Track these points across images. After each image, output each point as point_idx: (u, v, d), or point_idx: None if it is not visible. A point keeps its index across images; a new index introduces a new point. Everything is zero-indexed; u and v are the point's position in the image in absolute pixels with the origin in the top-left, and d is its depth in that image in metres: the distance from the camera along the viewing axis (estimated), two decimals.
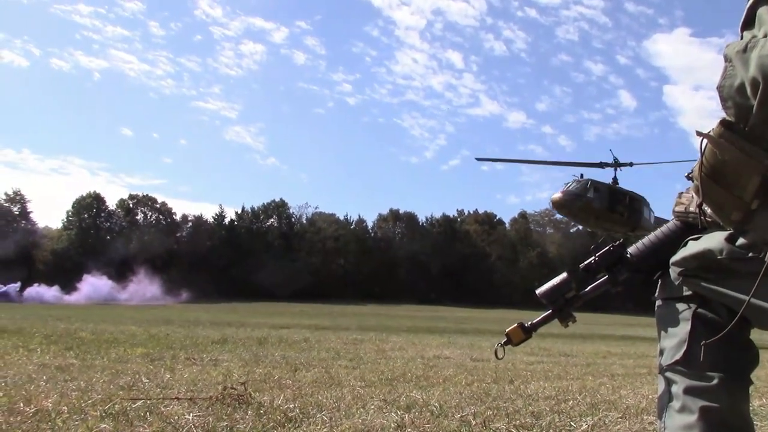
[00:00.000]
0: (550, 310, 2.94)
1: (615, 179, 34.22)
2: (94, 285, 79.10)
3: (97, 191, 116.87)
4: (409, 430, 4.99)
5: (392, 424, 5.14)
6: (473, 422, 5.33)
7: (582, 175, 33.51)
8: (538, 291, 2.95)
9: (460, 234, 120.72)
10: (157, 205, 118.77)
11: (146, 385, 7.02)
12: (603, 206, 32.34)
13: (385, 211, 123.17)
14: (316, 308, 62.49)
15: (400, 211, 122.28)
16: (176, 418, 5.14)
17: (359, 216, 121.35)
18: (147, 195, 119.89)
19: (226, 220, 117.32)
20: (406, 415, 5.53)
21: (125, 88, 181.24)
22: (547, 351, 15.40)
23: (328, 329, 24.42)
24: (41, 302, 68.34)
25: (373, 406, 6.00)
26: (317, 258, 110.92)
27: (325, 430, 4.93)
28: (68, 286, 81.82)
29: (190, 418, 5.14)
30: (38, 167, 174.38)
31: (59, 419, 4.92)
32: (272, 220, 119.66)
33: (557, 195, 33.70)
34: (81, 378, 7.40)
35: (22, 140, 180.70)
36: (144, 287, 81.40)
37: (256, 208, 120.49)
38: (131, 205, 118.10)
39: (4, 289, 79.92)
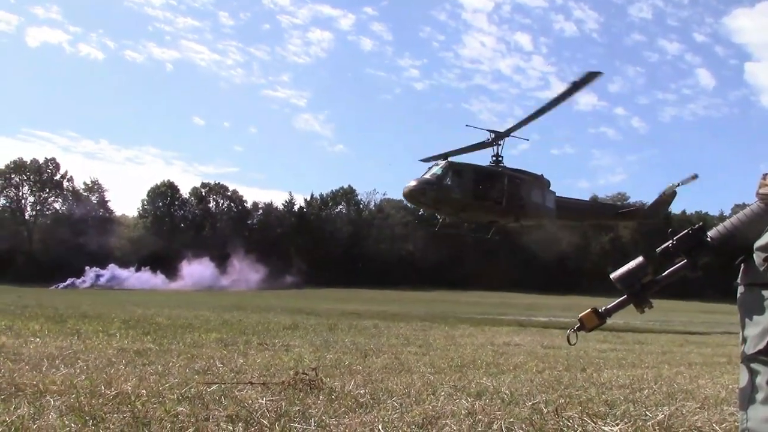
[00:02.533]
0: (625, 296, 2.86)
1: (497, 157, 28.49)
2: (197, 272, 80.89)
3: (171, 180, 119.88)
4: (480, 417, 4.95)
5: (463, 411, 5.12)
6: (545, 410, 5.26)
7: (446, 157, 28.25)
8: (613, 275, 2.88)
9: None
10: (229, 193, 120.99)
11: (220, 369, 7.17)
12: (467, 193, 27.43)
13: None
14: (384, 294, 62.76)
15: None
16: (250, 402, 5.24)
17: None
18: (219, 183, 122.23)
19: (296, 207, 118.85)
20: (477, 402, 5.51)
21: (196, 78, 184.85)
22: (620, 338, 15.10)
23: (396, 316, 24.50)
24: (149, 288, 70.15)
25: (443, 393, 5.99)
26: (385, 244, 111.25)
27: (395, 415, 4.94)
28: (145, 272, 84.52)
29: (264, 402, 5.23)
30: (115, 157, 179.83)
31: (138, 402, 5.07)
32: (341, 206, 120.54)
33: (410, 184, 27.95)
34: (158, 362, 7.62)
35: (100, 131, 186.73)
36: (246, 274, 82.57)
37: (324, 194, 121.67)
38: (204, 193, 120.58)
39: (108, 275, 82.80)
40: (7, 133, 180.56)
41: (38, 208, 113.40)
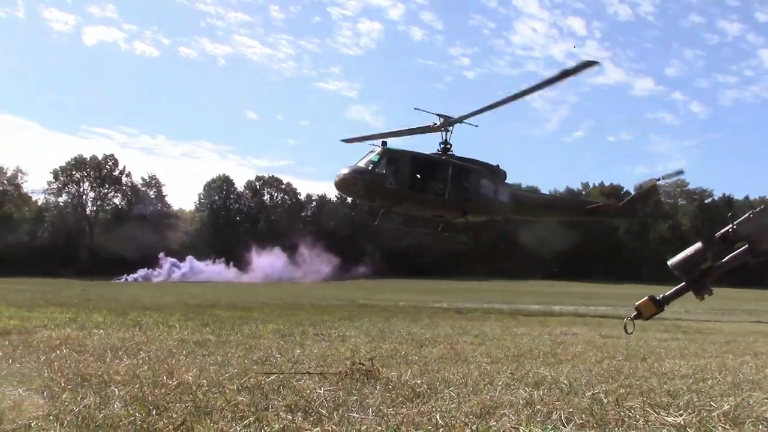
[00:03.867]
0: (684, 283, 2.78)
1: (445, 144, 26.12)
2: (268, 264, 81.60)
3: (227, 173, 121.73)
4: (539, 407, 4.90)
5: (521, 401, 5.07)
6: (605, 400, 5.18)
7: (384, 144, 25.59)
8: (671, 261, 2.81)
9: None
10: (283, 186, 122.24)
11: (278, 360, 7.26)
12: (403, 184, 24.93)
13: None
14: (440, 284, 62.70)
15: (523, 185, 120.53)
16: (308, 392, 5.28)
17: None
18: (273, 176, 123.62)
19: (349, 199, 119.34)
20: (535, 392, 5.45)
21: (248, 72, 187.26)
22: (681, 328, 14.79)
23: (452, 305, 24.44)
24: (224, 281, 71.16)
25: (500, 383, 5.95)
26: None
27: (453, 405, 4.92)
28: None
29: (321, 392, 5.27)
30: (172, 152, 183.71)
31: (199, 392, 5.16)
32: None
33: (341, 172, 25.89)
34: (218, 353, 7.74)
35: (157, 127, 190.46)
36: (317, 265, 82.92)
37: None
38: (258, 186, 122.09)
39: (186, 267, 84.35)
40: (67, 131, 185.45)
41: (98, 203, 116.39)
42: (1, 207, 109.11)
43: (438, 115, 25.40)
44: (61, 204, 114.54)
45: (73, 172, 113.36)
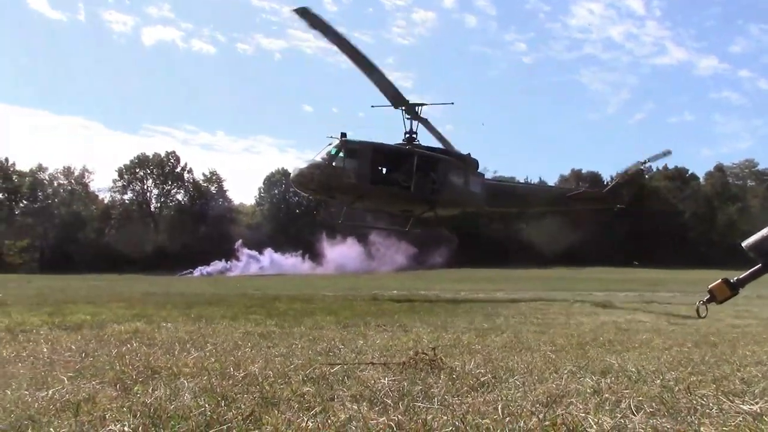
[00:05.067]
0: (760, 265, 2.68)
1: (410, 133, 24.02)
2: (340, 255, 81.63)
3: (286, 167, 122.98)
4: (607, 395, 4.82)
5: (588, 390, 5.00)
6: (675, 388, 5.07)
7: (344, 135, 23.66)
8: (745, 243, 2.72)
9: (649, 191, 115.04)
10: None
11: (342, 350, 7.31)
12: (364, 178, 23.12)
13: (566, 172, 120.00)
14: (499, 273, 62.27)
15: (583, 171, 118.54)
16: (372, 382, 5.31)
17: (540, 178, 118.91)
18: None
19: None
20: (603, 381, 5.37)
21: (304, 65, 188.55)
22: (753, 314, 14.33)
23: (513, 294, 24.24)
24: (299, 273, 71.54)
25: (566, 371, 5.87)
26: (498, 224, 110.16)
27: (518, 394, 4.88)
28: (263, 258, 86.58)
29: (386, 382, 5.28)
30: (231, 147, 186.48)
31: (266, 383, 5.23)
32: None
33: (298, 167, 24.67)
34: (282, 344, 7.84)
35: (216, 123, 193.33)
36: (391, 255, 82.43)
37: None
38: None
39: (266, 260, 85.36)
40: (130, 130, 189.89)
41: (162, 200, 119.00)
42: (70, 206, 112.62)
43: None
44: (126, 201, 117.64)
45: (137, 170, 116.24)
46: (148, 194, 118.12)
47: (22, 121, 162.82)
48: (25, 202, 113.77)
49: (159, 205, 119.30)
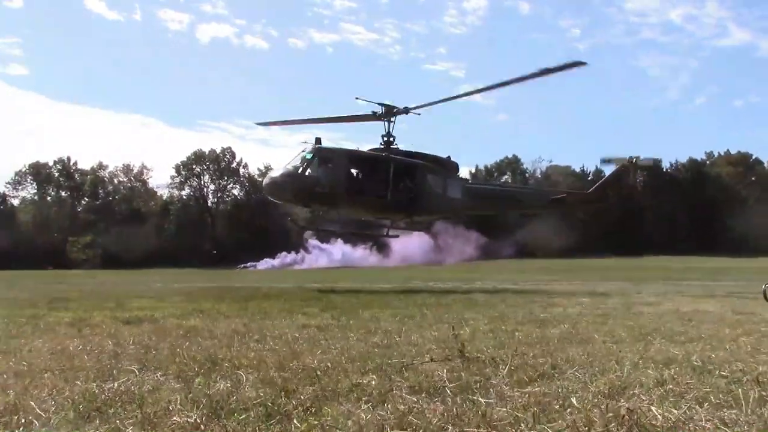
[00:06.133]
0: None
1: (388, 136, 23.37)
2: (405, 246, 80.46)
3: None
4: (671, 386, 4.72)
5: (651, 381, 4.90)
6: (744, 379, 4.93)
7: (319, 141, 22.93)
8: None
9: (711, 178, 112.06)
10: None
11: (399, 342, 7.31)
12: (338, 186, 22.27)
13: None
14: (557, 264, 61.47)
15: (642, 157, 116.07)
16: (430, 373, 5.30)
17: (596, 167, 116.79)
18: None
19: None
20: (666, 372, 5.25)
21: (356, 58, 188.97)
22: None
23: (571, 284, 23.93)
24: (365, 266, 71.34)
25: (627, 362, 5.76)
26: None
27: (579, 386, 4.81)
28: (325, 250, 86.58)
29: (444, 373, 5.26)
30: (287, 142, 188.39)
31: (324, 375, 5.27)
32: (506, 176, 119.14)
33: (271, 175, 24.20)
34: (339, 337, 7.89)
35: (271, 118, 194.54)
36: (460, 246, 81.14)
37: (489, 166, 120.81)
38: None
39: (337, 252, 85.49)
40: (187, 126, 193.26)
41: (219, 195, 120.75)
42: (130, 202, 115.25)
43: (380, 104, 23.34)
44: (184, 197, 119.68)
45: (194, 166, 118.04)
46: (205, 190, 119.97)
47: (82, 120, 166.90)
48: (87, 199, 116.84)
49: (216, 200, 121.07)
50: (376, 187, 22.62)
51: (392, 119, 23.25)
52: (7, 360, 6.17)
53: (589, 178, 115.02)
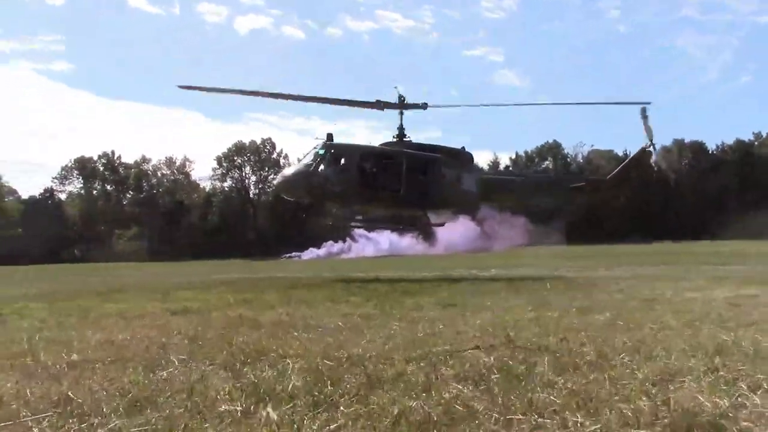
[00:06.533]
0: None
1: (401, 130, 23.24)
2: (450, 234, 79.43)
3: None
4: (722, 373, 4.63)
5: (701, 368, 4.82)
6: None
7: (330, 137, 22.92)
8: None
9: (760, 159, 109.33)
10: None
11: (443, 330, 7.31)
12: (350, 183, 22.10)
13: (668, 142, 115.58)
14: (594, 250, 60.68)
15: (685, 141, 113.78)
16: (475, 362, 5.28)
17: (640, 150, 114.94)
18: (430, 145, 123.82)
19: (501, 167, 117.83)
20: (716, 358, 5.16)
21: (393, 46, 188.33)
22: None
23: (611, 270, 23.65)
24: (412, 254, 71.13)
25: (676, 349, 5.68)
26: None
27: (627, 372, 4.75)
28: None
29: (489, 361, 5.25)
30: (327, 131, 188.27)
31: (369, 363, 5.30)
32: (547, 162, 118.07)
33: (283, 174, 24.46)
34: (383, 326, 7.91)
35: (310, 108, 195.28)
36: (506, 232, 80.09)
37: (530, 151, 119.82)
38: None
39: (386, 242, 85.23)
40: (227, 119, 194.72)
41: (260, 186, 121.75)
42: (173, 195, 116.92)
43: (376, 102, 23.06)
44: (226, 189, 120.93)
45: (235, 158, 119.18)
46: (246, 181, 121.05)
47: (125, 114, 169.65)
48: (131, 192, 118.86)
49: (257, 191, 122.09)
50: (389, 182, 22.42)
51: (402, 112, 23.02)
52: (59, 351, 6.31)
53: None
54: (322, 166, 22.22)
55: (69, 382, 4.76)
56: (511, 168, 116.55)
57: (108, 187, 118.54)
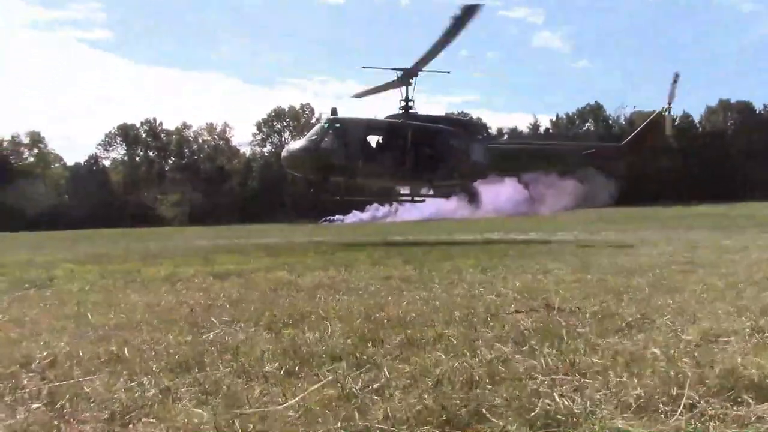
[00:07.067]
0: None
1: (406, 101, 22.83)
2: (498, 196, 78.99)
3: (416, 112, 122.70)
4: None
5: (746, 329, 4.77)
6: None
7: (335, 111, 23.02)
8: None
9: None
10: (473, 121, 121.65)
11: (482, 293, 7.31)
12: (355, 156, 22.10)
13: (713, 103, 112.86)
14: (640, 212, 59.90)
15: (732, 101, 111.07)
16: (516, 323, 5.29)
17: (683, 111, 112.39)
18: (462, 112, 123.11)
19: (541, 129, 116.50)
20: (762, 320, 5.09)
21: (431, 8, 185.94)
22: None
23: (657, 232, 23.39)
24: (456, 217, 70.85)
25: (720, 311, 5.62)
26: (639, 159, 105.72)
27: (670, 335, 4.72)
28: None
29: (529, 323, 5.26)
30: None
31: (410, 325, 5.34)
32: (588, 124, 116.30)
33: (289, 147, 24.13)
34: (422, 288, 7.95)
35: (346, 72, 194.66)
36: (552, 195, 79.41)
37: (570, 113, 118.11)
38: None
39: (432, 208, 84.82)
40: (265, 84, 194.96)
41: None
42: (214, 161, 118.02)
43: (394, 69, 22.65)
44: (266, 154, 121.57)
45: (274, 123, 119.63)
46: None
47: (165, 81, 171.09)
48: (173, 159, 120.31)
49: None
50: (393, 154, 22.40)
51: (411, 81, 22.66)
52: (107, 313, 6.47)
53: (676, 123, 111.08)
54: (326, 140, 22.26)
55: (118, 343, 4.88)
56: (551, 130, 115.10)
57: (150, 154, 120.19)
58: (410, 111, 23.02)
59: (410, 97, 22.93)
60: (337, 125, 22.55)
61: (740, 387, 3.38)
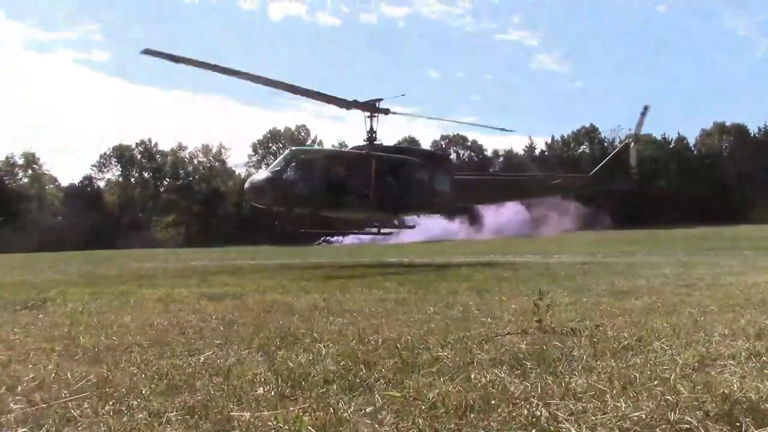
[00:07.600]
0: None
1: (371, 133, 22.23)
2: (497, 219, 78.23)
3: (412, 135, 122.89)
4: (765, 358, 4.54)
5: (743, 353, 4.73)
6: None
7: (298, 144, 21.68)
8: None
9: None
10: (468, 143, 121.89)
11: (478, 316, 7.27)
12: (319, 188, 21.63)
13: (708, 126, 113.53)
14: (636, 234, 59.95)
15: (727, 124, 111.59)
16: (510, 346, 5.25)
17: (678, 134, 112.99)
18: (458, 134, 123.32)
19: (537, 152, 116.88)
20: (759, 343, 5.05)
21: (427, 31, 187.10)
22: None
23: (653, 255, 23.35)
24: (458, 239, 70.26)
25: (716, 334, 5.58)
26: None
27: (666, 358, 4.68)
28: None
29: (524, 346, 5.21)
30: (361, 117, 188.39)
31: (404, 348, 5.29)
32: (583, 146, 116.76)
33: (252, 178, 24.06)
34: (417, 310, 7.90)
35: (345, 93, 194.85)
36: (554, 218, 78.81)
37: (566, 135, 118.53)
38: (444, 145, 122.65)
39: (436, 228, 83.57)
40: (262, 105, 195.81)
41: None
42: (209, 182, 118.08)
43: (354, 101, 22.04)
44: None
45: (270, 144, 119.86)
46: None
47: (161, 102, 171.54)
48: (168, 179, 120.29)
49: None
50: (358, 186, 21.88)
51: (375, 115, 22.24)
52: (99, 334, 6.41)
53: (671, 146, 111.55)
54: (289, 172, 22.05)
55: (108, 365, 4.82)
56: (546, 152, 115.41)
57: (145, 175, 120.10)
58: (374, 142, 22.57)
59: (374, 129, 22.44)
60: (302, 156, 22.70)
61: (737, 411, 3.33)
